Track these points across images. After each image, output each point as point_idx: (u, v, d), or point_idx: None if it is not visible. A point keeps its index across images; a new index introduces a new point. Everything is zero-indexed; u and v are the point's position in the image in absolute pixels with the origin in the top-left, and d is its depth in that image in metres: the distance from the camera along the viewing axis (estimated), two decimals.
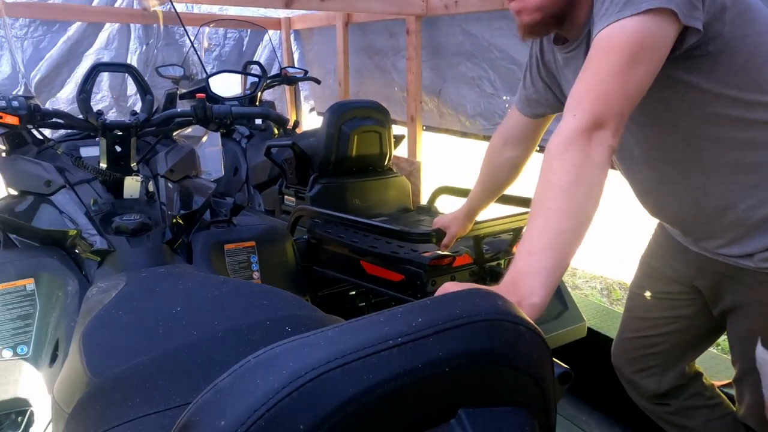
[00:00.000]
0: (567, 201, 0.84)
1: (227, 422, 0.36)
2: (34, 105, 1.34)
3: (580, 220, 0.84)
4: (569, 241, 0.83)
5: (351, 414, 0.38)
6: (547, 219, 0.84)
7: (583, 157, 0.86)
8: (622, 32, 0.89)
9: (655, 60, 0.92)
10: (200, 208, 1.61)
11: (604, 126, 0.87)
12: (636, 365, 1.46)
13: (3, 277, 1.29)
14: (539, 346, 0.49)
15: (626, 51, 0.89)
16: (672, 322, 1.38)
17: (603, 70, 0.90)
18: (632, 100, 0.91)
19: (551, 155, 0.89)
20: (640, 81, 0.91)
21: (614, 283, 4.04)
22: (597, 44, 0.92)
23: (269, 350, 0.40)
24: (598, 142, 0.87)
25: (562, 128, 0.90)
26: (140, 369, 0.74)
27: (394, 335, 0.41)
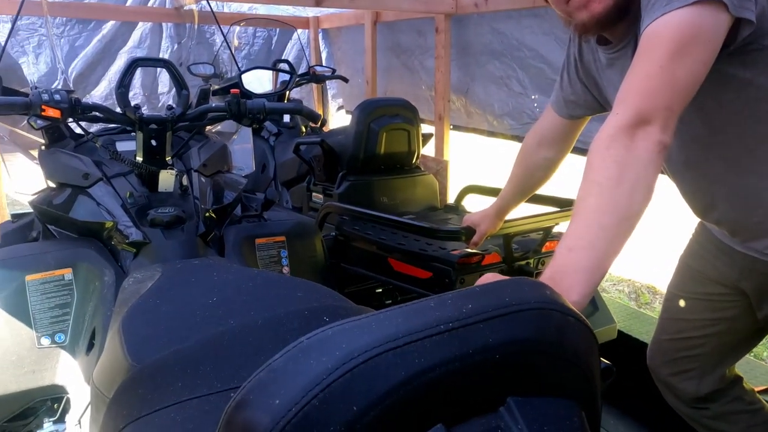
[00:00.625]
0: (607, 197, 0.83)
1: (281, 401, 0.36)
2: (75, 99, 1.37)
3: (622, 215, 0.82)
4: (610, 237, 0.81)
5: (402, 397, 0.38)
6: (588, 216, 0.83)
7: (625, 153, 0.84)
8: (669, 25, 0.87)
9: (706, 53, 0.89)
10: (232, 202, 1.63)
11: (649, 121, 0.85)
12: (674, 368, 1.42)
13: (42, 267, 1.32)
14: (587, 337, 0.48)
15: (672, 44, 0.87)
16: (713, 324, 1.35)
17: (648, 65, 0.88)
18: (681, 94, 0.89)
19: (593, 154, 0.88)
20: (689, 74, 0.88)
21: (642, 286, 3.98)
22: (644, 40, 0.90)
23: (322, 332, 0.40)
24: (643, 137, 0.85)
25: (605, 127, 0.88)
26: (181, 355, 0.75)
27: (445, 320, 0.40)
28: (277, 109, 1.59)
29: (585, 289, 0.78)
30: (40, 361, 1.30)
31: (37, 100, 1.31)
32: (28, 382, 1.29)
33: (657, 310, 3.59)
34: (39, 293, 1.31)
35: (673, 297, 1.43)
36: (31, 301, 1.30)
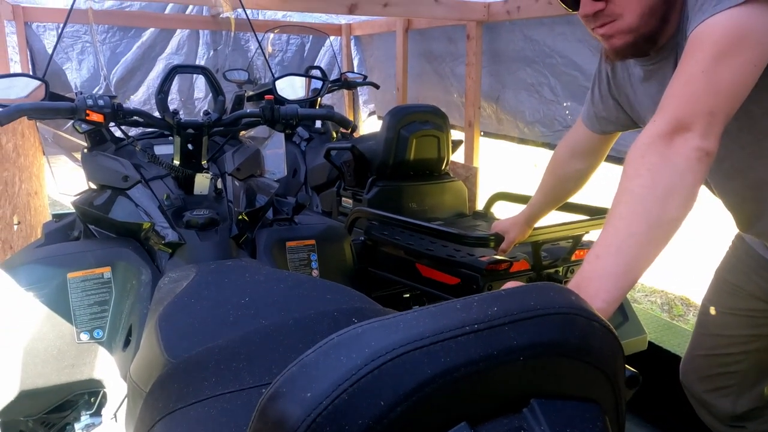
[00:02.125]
0: (638, 204, 0.81)
1: (313, 394, 0.38)
2: (117, 104, 1.42)
3: (654, 223, 0.80)
4: (639, 244, 0.79)
5: (428, 394, 0.39)
6: (617, 223, 0.82)
7: (659, 160, 0.82)
8: (716, 27, 0.83)
9: (757, 54, 0.84)
10: (264, 206, 1.66)
11: (688, 128, 0.82)
12: (709, 384, 1.39)
13: (83, 265, 1.37)
14: (612, 343, 0.49)
15: (717, 46, 0.83)
16: (752, 340, 1.31)
17: (690, 69, 0.85)
18: (727, 98, 0.84)
19: (628, 163, 0.86)
20: (735, 77, 0.83)
21: (676, 298, 3.89)
22: (689, 43, 0.87)
23: (353, 329, 0.42)
24: (681, 144, 0.82)
25: (642, 135, 0.86)
26: (215, 352, 0.77)
27: (471, 322, 0.42)
28: (309, 114, 1.62)
29: (610, 295, 0.77)
30: (79, 355, 1.34)
31: (82, 105, 1.36)
32: (67, 375, 1.33)
33: (690, 323, 3.51)
34: (79, 290, 1.35)
35: (708, 311, 1.39)
36: (72, 298, 1.34)
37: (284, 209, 1.82)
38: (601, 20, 0.98)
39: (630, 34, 0.98)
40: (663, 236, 0.81)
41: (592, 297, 0.77)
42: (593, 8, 0.96)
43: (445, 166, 2.70)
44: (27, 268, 1.34)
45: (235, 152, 1.73)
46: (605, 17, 0.97)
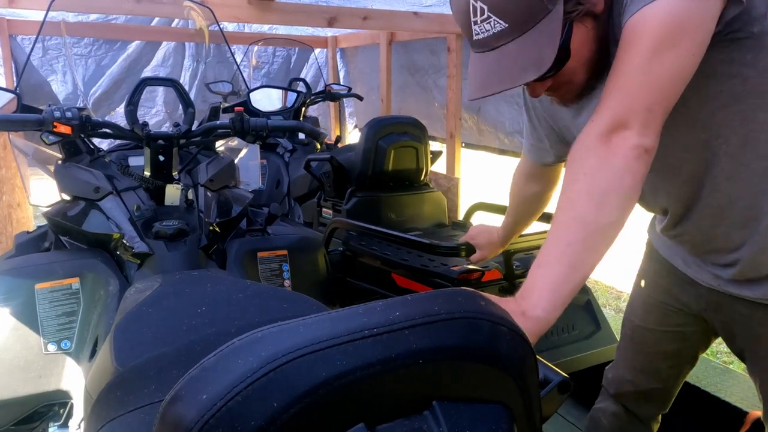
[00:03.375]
0: (575, 211, 0.80)
1: (208, 396, 0.40)
2: (85, 116, 1.43)
3: (591, 230, 0.79)
4: (577, 252, 0.78)
5: (323, 396, 0.40)
6: (557, 232, 0.81)
7: (597, 163, 0.80)
8: (653, 17, 0.79)
9: (695, 43, 0.80)
10: (237, 216, 1.67)
11: (626, 125, 0.79)
12: (640, 396, 1.37)
13: (52, 276, 1.37)
14: (521, 346, 0.50)
15: (653, 37, 0.79)
16: (681, 353, 1.30)
17: (626, 63, 0.81)
18: (665, 92, 0.81)
19: (567, 166, 0.85)
20: (674, 69, 0.80)
21: None
22: (624, 36, 0.82)
23: (252, 334, 0.43)
24: (619, 143, 0.79)
25: (580, 136, 0.84)
26: (159, 360, 0.78)
27: (371, 326, 0.43)
28: (279, 126, 1.63)
29: (550, 304, 0.77)
30: (46, 366, 1.34)
31: (50, 117, 1.37)
32: (34, 386, 1.33)
33: None
34: (47, 301, 1.36)
35: (638, 328, 1.33)
36: (40, 309, 1.34)
37: (258, 220, 1.83)
38: (551, 91, 0.97)
39: (580, 87, 0.97)
40: (602, 241, 0.80)
41: (533, 307, 0.77)
42: (543, 87, 0.94)
43: (424, 177, 2.72)
44: None
45: (209, 163, 1.74)
46: (555, 87, 0.95)
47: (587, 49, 0.91)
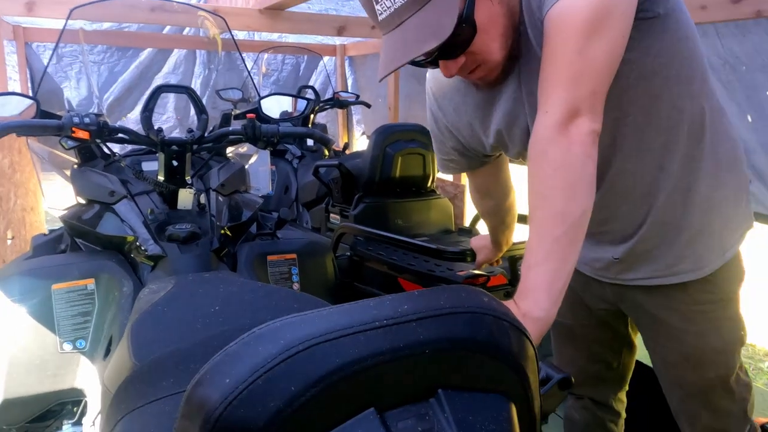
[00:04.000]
0: (554, 208, 0.82)
1: (231, 380, 0.43)
2: (102, 122, 1.48)
3: (570, 223, 0.81)
4: (564, 246, 0.81)
5: (336, 381, 0.44)
6: (540, 231, 0.82)
7: (561, 155, 0.82)
8: (579, 4, 0.81)
9: (624, 22, 0.83)
10: (247, 220, 1.71)
11: (579, 112, 0.82)
12: (601, 385, 1.41)
13: (68, 277, 1.41)
14: (521, 341, 0.53)
15: (587, 24, 0.81)
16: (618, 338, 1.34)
17: (564, 51, 0.82)
18: (604, 74, 0.84)
19: (531, 161, 0.85)
20: (609, 51, 0.83)
21: None
22: (552, 25, 0.84)
23: (272, 324, 0.47)
24: (576, 131, 0.82)
25: (537, 129, 0.85)
26: (176, 355, 0.82)
27: (381, 318, 0.47)
28: (290, 133, 1.67)
29: (548, 302, 0.80)
30: (62, 365, 1.38)
31: (68, 122, 1.42)
32: (50, 384, 1.37)
33: None
34: (63, 301, 1.39)
35: (565, 326, 1.36)
36: (56, 309, 1.38)
37: (268, 224, 1.86)
38: (466, 70, 0.97)
39: (498, 67, 0.98)
40: (581, 230, 0.83)
41: (531, 308, 0.80)
42: (456, 66, 0.94)
43: (431, 184, 2.76)
44: (13, 280, 1.38)
45: (221, 169, 1.78)
46: (468, 67, 0.96)
47: (497, 25, 0.92)
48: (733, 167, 1.07)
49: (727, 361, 1.13)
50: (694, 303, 1.09)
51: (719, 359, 1.13)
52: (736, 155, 1.08)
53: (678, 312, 1.11)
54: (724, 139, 1.05)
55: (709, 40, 2.13)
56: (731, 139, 1.07)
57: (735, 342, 1.13)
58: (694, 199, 1.03)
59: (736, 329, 1.13)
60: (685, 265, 1.07)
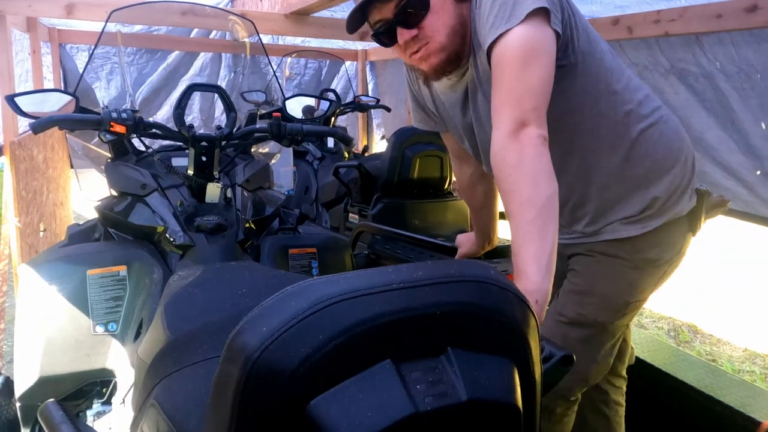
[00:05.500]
0: (520, 197, 0.98)
1: (267, 329, 0.50)
2: (138, 117, 1.56)
3: (539, 206, 0.97)
4: (538, 226, 0.95)
5: (358, 334, 0.50)
6: (515, 220, 0.98)
7: (518, 156, 1.00)
8: (511, 43, 1.05)
9: (547, 59, 1.06)
10: (270, 215, 1.78)
11: (525, 123, 1.02)
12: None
13: (102, 263, 1.49)
14: (524, 311, 0.59)
15: (519, 58, 1.04)
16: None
17: (507, 80, 1.05)
18: (541, 94, 1.05)
19: (495, 167, 1.04)
20: (540, 78, 1.05)
21: (683, 324, 3.91)
22: (495, 61, 1.07)
23: (303, 283, 0.54)
24: (526, 137, 1.01)
25: (493, 141, 1.05)
26: (208, 326, 0.89)
27: (398, 281, 0.53)
28: (313, 131, 1.74)
29: (537, 275, 0.92)
30: (94, 346, 1.45)
31: (107, 117, 1.51)
32: (82, 364, 1.44)
33: (697, 350, 3.53)
34: (97, 286, 1.47)
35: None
36: (90, 293, 1.46)
37: (290, 220, 1.94)
38: (416, 44, 1.16)
39: (442, 52, 1.17)
40: (552, 211, 0.98)
41: (526, 282, 0.92)
42: (409, 35, 1.14)
43: (448, 186, 2.81)
44: (51, 265, 1.47)
45: (246, 165, 1.86)
46: (419, 41, 1.16)
47: (447, 14, 1.15)
48: (659, 170, 1.30)
49: (603, 310, 1.35)
50: (609, 253, 1.34)
51: (598, 303, 1.34)
52: (663, 165, 1.30)
53: (594, 253, 1.35)
54: (656, 149, 1.29)
55: (724, 48, 2.17)
56: (666, 148, 1.31)
57: (618, 300, 1.35)
58: (606, 193, 1.30)
59: (626, 292, 1.34)
60: (607, 227, 1.32)
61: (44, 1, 2.49)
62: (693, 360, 2.39)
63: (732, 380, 2.24)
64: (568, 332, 1.37)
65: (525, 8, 1.04)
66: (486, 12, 1.09)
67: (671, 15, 2.23)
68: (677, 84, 2.42)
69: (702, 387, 2.13)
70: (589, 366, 1.41)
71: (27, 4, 2.43)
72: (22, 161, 2.62)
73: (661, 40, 2.39)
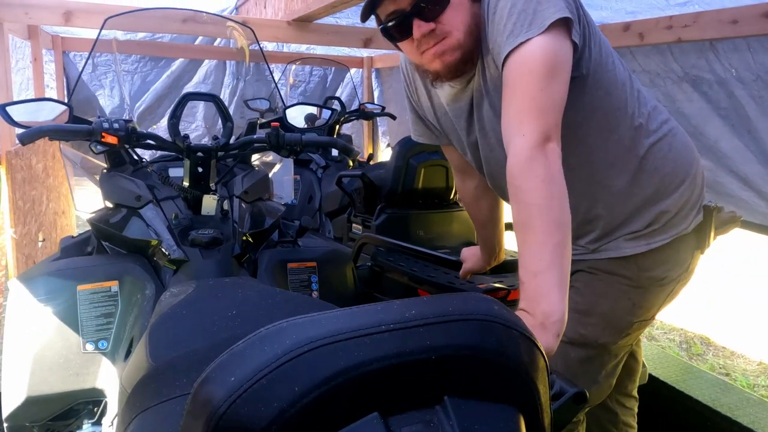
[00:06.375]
0: (550, 215, 0.90)
1: (236, 378, 0.44)
2: (131, 128, 1.51)
3: (566, 228, 0.91)
4: (564, 251, 0.88)
5: (341, 384, 0.44)
6: (539, 237, 0.89)
7: (546, 171, 0.93)
8: (536, 52, 0.99)
9: (566, 73, 1.02)
10: (269, 228, 1.73)
11: (550, 137, 0.96)
12: None
13: (93, 279, 1.44)
14: (532, 351, 0.52)
15: (545, 68, 0.98)
16: None
17: (530, 89, 0.98)
18: (558, 109, 1.00)
19: (518, 177, 0.95)
20: (560, 92, 1.00)
21: (695, 336, 3.82)
22: (513, 67, 1.01)
23: (278, 324, 0.47)
24: (551, 152, 0.95)
25: (517, 149, 0.97)
26: (191, 356, 0.83)
27: (387, 322, 0.46)
28: (312, 141, 1.69)
29: (561, 305, 0.84)
30: (84, 365, 1.40)
31: (98, 127, 1.46)
32: (72, 383, 1.39)
33: (710, 363, 3.44)
34: (88, 302, 1.42)
35: None
36: (80, 309, 1.41)
37: (289, 232, 1.88)
38: (433, 40, 1.10)
39: (458, 50, 1.11)
40: (570, 237, 0.91)
41: (549, 314, 0.82)
42: (427, 28, 1.07)
43: (453, 196, 2.75)
44: (41, 280, 1.42)
45: (245, 176, 1.80)
46: (436, 36, 1.09)
47: (464, 11, 1.09)
48: (668, 186, 1.25)
49: (604, 330, 1.29)
50: (612, 272, 1.28)
51: (599, 323, 1.28)
52: (672, 180, 1.25)
53: (597, 271, 1.29)
54: (665, 164, 1.24)
55: (740, 54, 2.10)
56: (675, 163, 1.25)
57: (620, 320, 1.28)
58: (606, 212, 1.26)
59: (629, 312, 1.28)
60: (611, 243, 1.27)
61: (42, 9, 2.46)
62: (707, 377, 2.31)
63: (748, 399, 2.17)
64: (568, 352, 1.31)
65: (547, 17, 0.99)
66: (503, 18, 1.03)
67: (684, 21, 2.16)
68: (690, 91, 2.35)
69: (717, 406, 2.06)
70: (589, 387, 1.34)
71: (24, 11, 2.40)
72: (19, 171, 2.59)
73: (674, 46, 2.33)
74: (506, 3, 1.03)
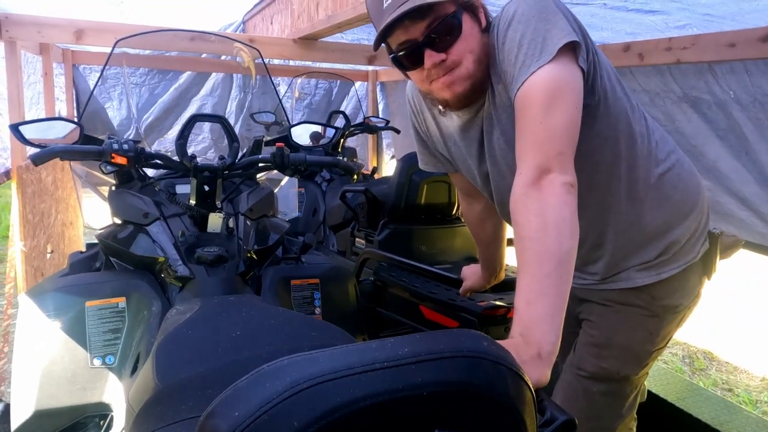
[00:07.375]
0: (541, 247, 0.91)
1: (239, 414, 0.47)
2: (140, 148, 1.55)
3: (558, 259, 0.90)
4: (556, 281, 0.89)
5: (337, 419, 0.47)
6: (530, 269, 0.91)
7: (539, 204, 0.94)
8: (536, 84, 1.00)
9: (574, 98, 1.01)
10: (273, 245, 1.76)
11: (549, 170, 0.96)
12: None
13: (101, 295, 1.47)
14: (519, 386, 0.55)
15: (542, 99, 0.99)
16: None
17: (529, 123, 1.00)
18: (566, 137, 0.99)
19: (514, 213, 0.98)
20: (565, 120, 0.99)
21: (698, 351, 3.82)
22: (518, 103, 1.02)
23: (279, 362, 0.50)
24: (548, 184, 0.95)
25: (515, 188, 1.00)
26: (196, 379, 0.86)
27: (381, 360, 0.50)
28: (316, 162, 1.73)
29: (553, 335, 0.86)
30: (91, 379, 1.43)
31: (108, 148, 1.50)
32: (79, 398, 1.42)
33: (713, 378, 3.44)
34: (96, 318, 1.45)
35: None
36: (88, 325, 1.44)
37: (293, 248, 1.91)
38: (443, 70, 1.10)
39: (468, 80, 1.12)
40: (569, 268, 0.92)
41: (539, 342, 0.85)
42: (438, 58, 1.08)
43: (456, 211, 2.78)
44: (50, 296, 1.45)
45: (250, 193, 1.84)
46: (446, 67, 1.10)
47: (474, 42, 1.10)
48: (677, 216, 1.26)
49: (626, 362, 1.29)
50: (626, 302, 1.29)
51: (619, 355, 1.29)
52: (681, 210, 1.26)
53: (610, 302, 1.30)
54: (675, 193, 1.25)
55: (737, 77, 2.12)
56: (684, 192, 1.26)
57: (639, 350, 1.29)
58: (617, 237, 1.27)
59: (647, 342, 1.29)
60: (622, 274, 1.29)
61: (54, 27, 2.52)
62: (707, 394, 2.32)
63: (748, 417, 2.17)
64: (589, 387, 1.31)
65: (556, 42, 0.99)
66: (514, 48, 1.03)
67: (683, 43, 2.19)
68: (690, 112, 2.38)
69: (717, 425, 2.07)
70: (615, 422, 1.35)
71: (37, 30, 2.46)
72: (30, 185, 2.63)
73: (673, 67, 2.36)
74: (515, 34, 1.04)
